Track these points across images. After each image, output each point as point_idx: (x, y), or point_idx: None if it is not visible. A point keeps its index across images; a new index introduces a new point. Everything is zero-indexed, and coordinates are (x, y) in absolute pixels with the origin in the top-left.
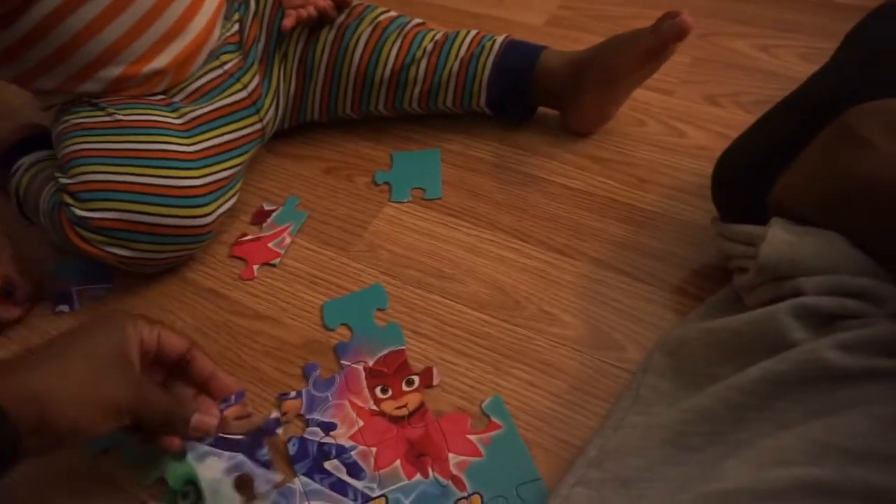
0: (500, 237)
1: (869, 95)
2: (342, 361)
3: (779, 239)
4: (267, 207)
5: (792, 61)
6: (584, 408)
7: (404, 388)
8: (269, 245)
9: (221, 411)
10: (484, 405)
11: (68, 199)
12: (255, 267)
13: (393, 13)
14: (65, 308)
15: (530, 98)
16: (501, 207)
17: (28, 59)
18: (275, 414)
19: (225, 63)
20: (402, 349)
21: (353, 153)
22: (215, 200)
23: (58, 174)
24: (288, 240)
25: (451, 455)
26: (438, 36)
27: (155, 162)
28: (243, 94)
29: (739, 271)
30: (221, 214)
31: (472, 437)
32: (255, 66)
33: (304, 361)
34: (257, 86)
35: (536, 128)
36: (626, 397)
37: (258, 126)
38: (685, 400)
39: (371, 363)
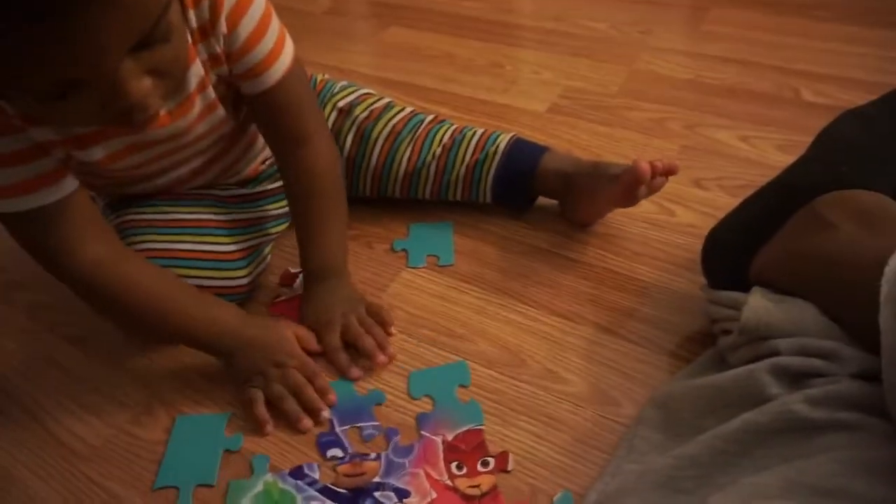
0: (507, 301)
1: (833, 186)
2: (422, 432)
3: (758, 304)
4: (293, 270)
5: (769, 151)
6: (584, 458)
7: (479, 468)
8: None
9: None
10: (555, 499)
11: None
12: None
13: (408, 111)
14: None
15: (530, 195)
16: (508, 275)
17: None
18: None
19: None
20: (481, 428)
21: (373, 223)
22: (249, 265)
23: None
24: None
25: None
26: (446, 138)
27: (195, 230)
28: (278, 184)
29: (724, 333)
30: (255, 278)
31: None
32: None
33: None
34: None
35: (541, 205)
36: (621, 447)
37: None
38: (675, 448)
39: (450, 438)
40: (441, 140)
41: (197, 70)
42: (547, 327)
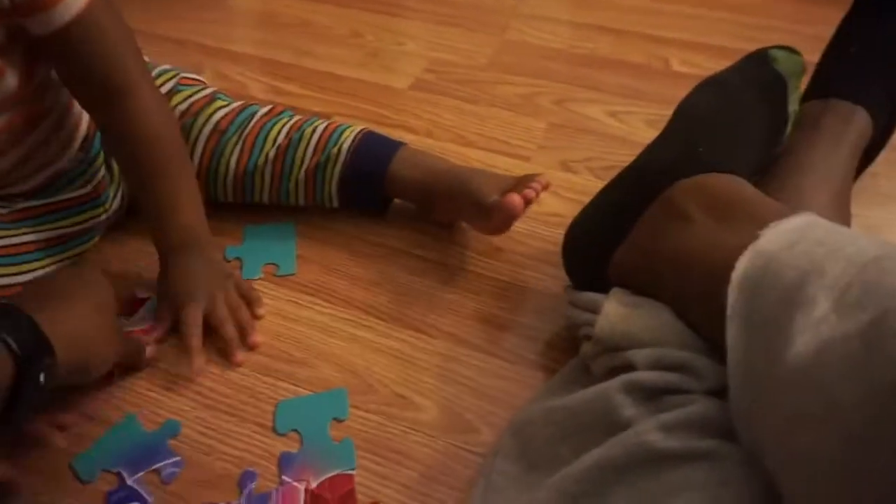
0: (355, 315)
1: (692, 168)
2: (283, 477)
3: (613, 311)
4: (140, 295)
5: (639, 127)
6: (434, 498)
7: None
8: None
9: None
10: None
11: None
12: None
13: (235, 106)
14: None
15: (382, 198)
16: (358, 282)
17: None
18: None
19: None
20: (352, 474)
21: None
22: None
23: None
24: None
25: None
26: (282, 137)
27: None
28: (91, 185)
29: (586, 339)
30: None
31: None
32: (100, 159)
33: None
34: (102, 179)
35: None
36: (479, 485)
37: (102, 217)
38: (531, 485)
39: (314, 485)
40: (276, 139)
41: None
42: (399, 343)
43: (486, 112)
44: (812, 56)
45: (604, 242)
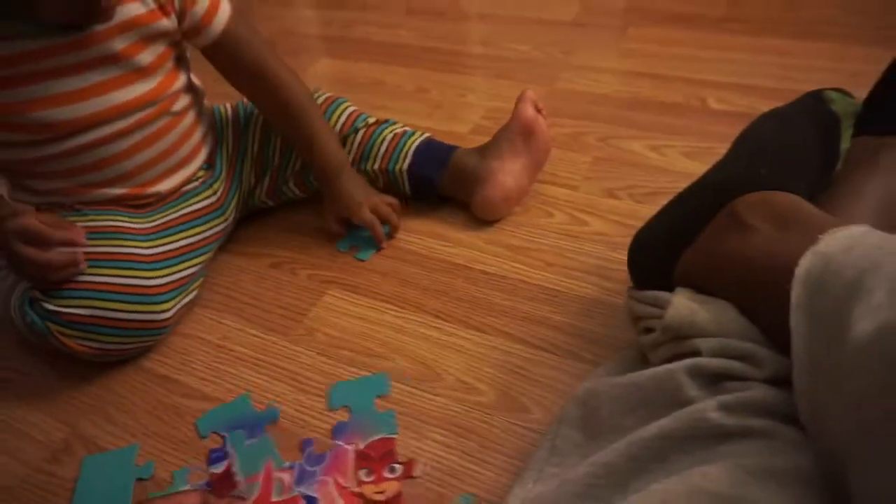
0: (425, 318)
1: (753, 186)
2: (336, 441)
3: (682, 304)
4: (238, 477)
5: (677, 158)
6: (491, 464)
7: (386, 474)
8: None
9: None
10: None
11: (39, 295)
12: None
13: (342, 116)
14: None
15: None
16: (427, 292)
17: (40, 165)
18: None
19: (198, 175)
20: (393, 437)
21: (298, 251)
22: (174, 298)
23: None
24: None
25: None
26: (360, 137)
27: (118, 263)
28: (213, 198)
29: (646, 331)
30: (180, 310)
31: None
32: (224, 172)
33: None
34: (225, 189)
35: (460, 224)
36: (543, 448)
37: (223, 226)
38: (594, 452)
39: (362, 446)
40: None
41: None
42: (462, 340)
43: None
44: (855, 91)
45: (669, 248)
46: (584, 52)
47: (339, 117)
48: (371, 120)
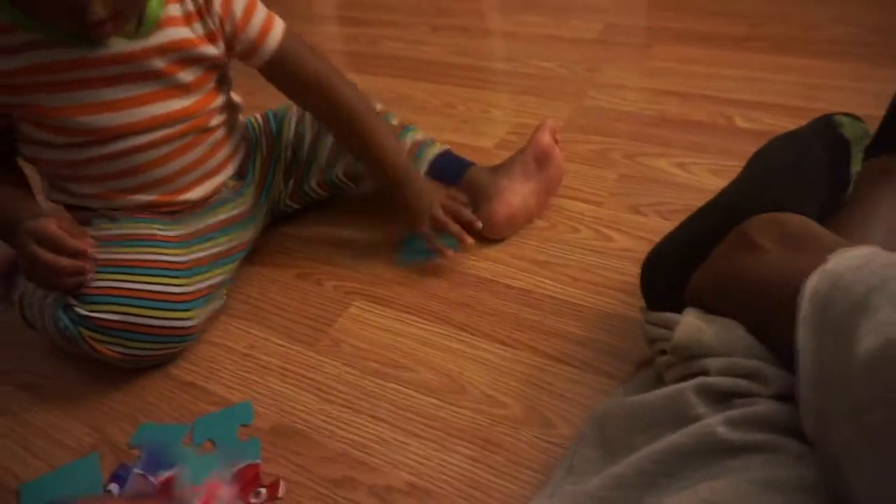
0: (450, 330)
1: (763, 207)
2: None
3: (689, 324)
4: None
5: (704, 175)
6: (519, 479)
7: (252, 499)
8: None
9: None
10: None
11: (72, 300)
12: None
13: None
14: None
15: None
16: (453, 305)
17: (75, 168)
18: None
19: (229, 185)
20: (257, 463)
21: (323, 261)
22: (202, 306)
23: None
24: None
25: None
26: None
27: (150, 270)
28: (243, 207)
29: (661, 353)
30: (206, 317)
31: None
32: (255, 181)
33: (271, 444)
34: (256, 198)
35: (486, 239)
36: (561, 468)
37: (252, 234)
38: (607, 469)
39: (228, 476)
40: None
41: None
42: (487, 354)
43: (564, 166)
44: (877, 111)
45: (680, 269)
46: (608, 70)
47: None
48: (395, 122)
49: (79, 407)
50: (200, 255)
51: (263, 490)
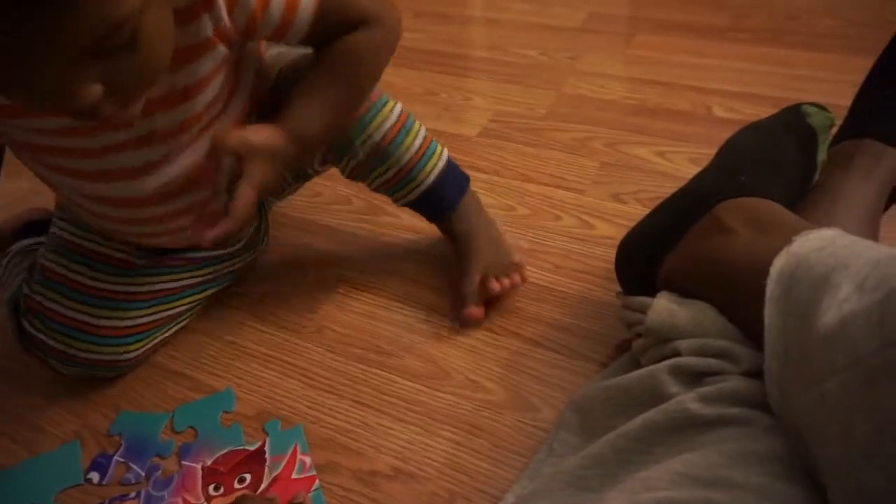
0: (434, 318)
1: (733, 193)
2: (182, 462)
3: (662, 307)
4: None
5: (683, 164)
6: (503, 462)
7: (236, 485)
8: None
9: None
10: None
11: (22, 307)
12: None
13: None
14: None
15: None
16: (437, 292)
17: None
18: None
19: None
20: (241, 448)
21: (307, 248)
22: (143, 339)
23: (27, 279)
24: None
25: None
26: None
27: (98, 301)
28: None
29: (637, 337)
30: (151, 348)
31: None
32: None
33: (260, 427)
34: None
35: None
36: (542, 451)
37: (232, 268)
38: (587, 449)
39: (209, 462)
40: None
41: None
42: (471, 340)
43: (545, 154)
44: None
45: (653, 254)
46: (590, 58)
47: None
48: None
49: (62, 393)
50: (155, 287)
51: (248, 476)
